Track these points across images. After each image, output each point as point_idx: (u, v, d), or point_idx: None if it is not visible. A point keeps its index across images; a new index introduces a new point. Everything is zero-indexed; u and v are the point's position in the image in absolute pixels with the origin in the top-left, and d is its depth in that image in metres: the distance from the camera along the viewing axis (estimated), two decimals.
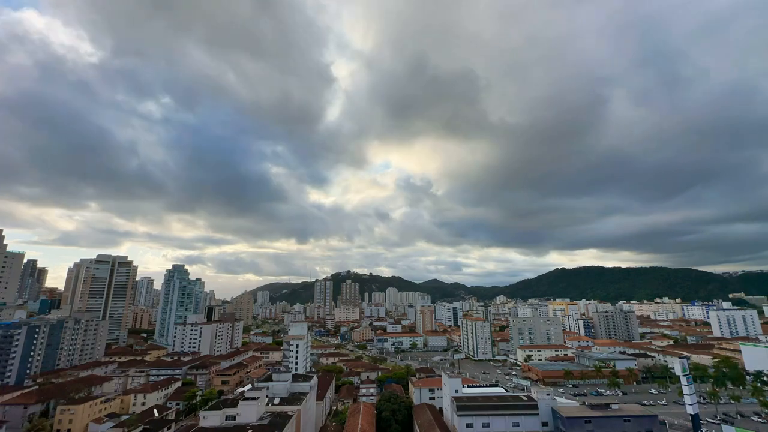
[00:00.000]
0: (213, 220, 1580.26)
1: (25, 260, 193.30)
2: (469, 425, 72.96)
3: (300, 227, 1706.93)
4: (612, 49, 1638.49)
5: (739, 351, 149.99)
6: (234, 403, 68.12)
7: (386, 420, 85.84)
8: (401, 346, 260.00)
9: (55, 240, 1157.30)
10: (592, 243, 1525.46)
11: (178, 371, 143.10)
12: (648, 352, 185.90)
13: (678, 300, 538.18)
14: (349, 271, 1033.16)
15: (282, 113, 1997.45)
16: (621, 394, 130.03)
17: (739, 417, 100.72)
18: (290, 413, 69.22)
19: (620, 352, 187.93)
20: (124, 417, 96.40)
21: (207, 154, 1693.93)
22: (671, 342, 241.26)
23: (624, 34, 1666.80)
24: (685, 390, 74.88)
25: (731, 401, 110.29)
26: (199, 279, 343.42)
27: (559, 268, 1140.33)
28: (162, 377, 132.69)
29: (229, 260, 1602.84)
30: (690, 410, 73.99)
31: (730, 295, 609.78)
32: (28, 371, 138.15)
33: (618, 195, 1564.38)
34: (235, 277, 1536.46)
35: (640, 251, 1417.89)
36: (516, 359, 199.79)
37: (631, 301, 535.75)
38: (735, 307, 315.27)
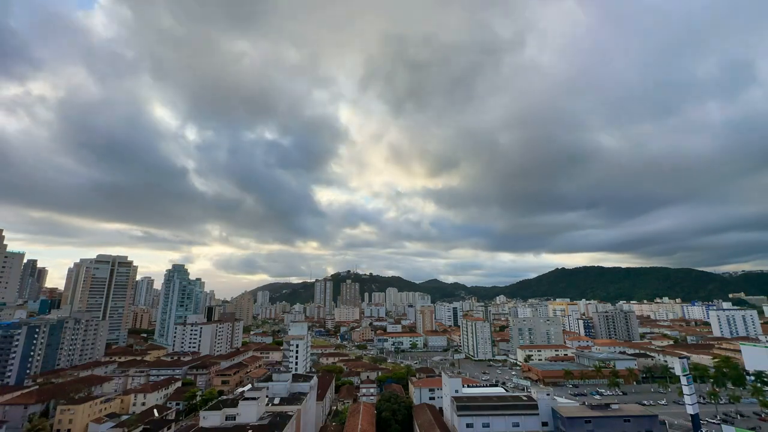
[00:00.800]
0: (214, 221, 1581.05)
1: (25, 260, 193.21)
2: (469, 425, 72.93)
3: (300, 229, 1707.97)
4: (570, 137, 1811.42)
5: (739, 351, 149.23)
6: (234, 403, 68.07)
7: (386, 420, 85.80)
8: (401, 346, 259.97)
9: (56, 240, 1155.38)
10: (582, 249, 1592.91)
11: (178, 371, 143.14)
12: (648, 352, 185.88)
13: (678, 300, 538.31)
14: (349, 271, 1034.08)
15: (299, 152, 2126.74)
16: (621, 394, 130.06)
17: (739, 417, 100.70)
18: (290, 413, 69.19)
19: (620, 352, 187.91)
20: (124, 417, 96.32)
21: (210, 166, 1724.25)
22: (671, 342, 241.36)
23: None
24: (685, 390, 74.85)
25: (731, 401, 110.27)
26: (199, 279, 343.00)
27: (559, 268, 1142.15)
28: (162, 377, 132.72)
29: (230, 260, 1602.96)
30: (690, 410, 73.96)
31: (730, 295, 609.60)
32: (28, 371, 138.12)
33: (599, 214, 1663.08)
34: (235, 277, 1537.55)
35: (628, 255, 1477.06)
36: (516, 359, 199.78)
37: (631, 301, 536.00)
38: (735, 307, 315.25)
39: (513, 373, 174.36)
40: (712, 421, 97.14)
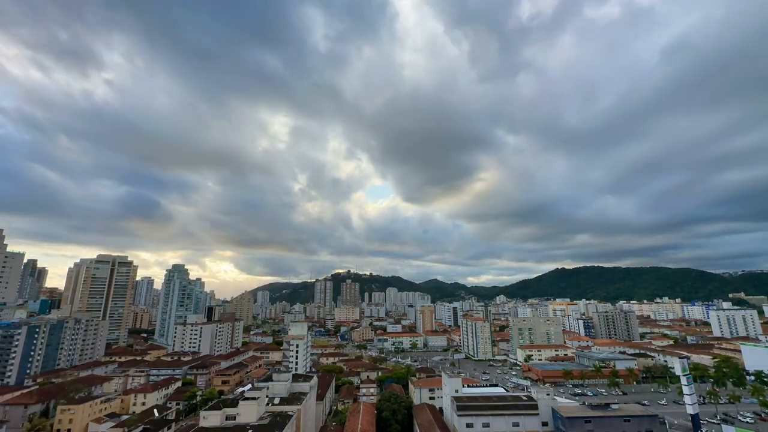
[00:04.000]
0: (215, 224, 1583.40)
1: (25, 260, 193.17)
2: (469, 425, 72.95)
3: (301, 230, 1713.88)
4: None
5: (739, 351, 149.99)
6: (234, 403, 68.06)
7: (386, 420, 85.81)
8: (401, 346, 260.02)
9: (56, 240, 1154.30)
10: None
11: (178, 371, 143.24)
12: (648, 352, 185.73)
13: (678, 300, 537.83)
14: (349, 270, 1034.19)
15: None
16: (621, 394, 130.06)
17: (739, 417, 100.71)
18: (290, 413, 69.22)
19: (620, 352, 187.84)
20: (124, 417, 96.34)
21: None
22: (671, 342, 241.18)
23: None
24: (685, 390, 75.01)
25: (731, 401, 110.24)
26: (199, 279, 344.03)
27: (559, 268, 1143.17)
28: (162, 377, 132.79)
29: (230, 260, 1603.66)
30: (690, 410, 74.11)
31: (730, 295, 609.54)
32: (28, 371, 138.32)
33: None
34: (235, 276, 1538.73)
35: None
36: (516, 359, 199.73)
37: (631, 301, 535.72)
38: (735, 307, 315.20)
39: (513, 373, 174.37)
40: (712, 421, 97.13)
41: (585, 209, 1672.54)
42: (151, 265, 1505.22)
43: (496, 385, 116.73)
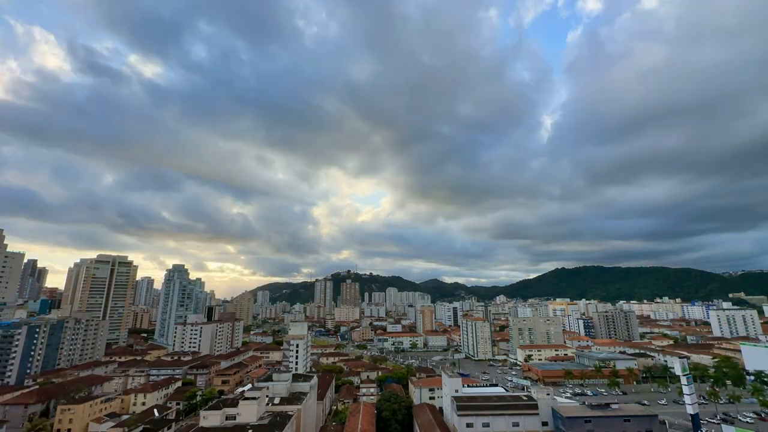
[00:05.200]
0: (216, 225, 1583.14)
1: (25, 260, 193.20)
2: (469, 425, 72.95)
3: (302, 231, 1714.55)
4: None
5: (739, 351, 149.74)
6: (234, 403, 68.09)
7: (386, 420, 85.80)
8: (401, 346, 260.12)
9: (56, 240, 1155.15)
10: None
11: (178, 371, 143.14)
12: (648, 352, 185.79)
13: (678, 300, 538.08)
14: (349, 270, 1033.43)
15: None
16: (621, 394, 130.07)
17: (739, 417, 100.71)
18: (290, 413, 69.24)
19: (620, 352, 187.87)
20: (125, 417, 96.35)
21: None
22: (671, 342, 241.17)
23: None
24: (685, 390, 74.85)
25: (731, 401, 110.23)
26: (199, 279, 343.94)
27: (559, 267, 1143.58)
28: (162, 377, 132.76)
29: (230, 260, 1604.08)
30: (690, 410, 73.97)
31: (730, 295, 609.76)
32: (28, 371, 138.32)
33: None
34: (235, 276, 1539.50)
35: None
36: (516, 359, 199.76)
37: (631, 301, 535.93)
38: (735, 307, 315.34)
39: (513, 372, 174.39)
40: (712, 421, 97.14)
41: (566, 227, 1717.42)
42: (151, 265, 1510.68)
43: (496, 385, 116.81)
